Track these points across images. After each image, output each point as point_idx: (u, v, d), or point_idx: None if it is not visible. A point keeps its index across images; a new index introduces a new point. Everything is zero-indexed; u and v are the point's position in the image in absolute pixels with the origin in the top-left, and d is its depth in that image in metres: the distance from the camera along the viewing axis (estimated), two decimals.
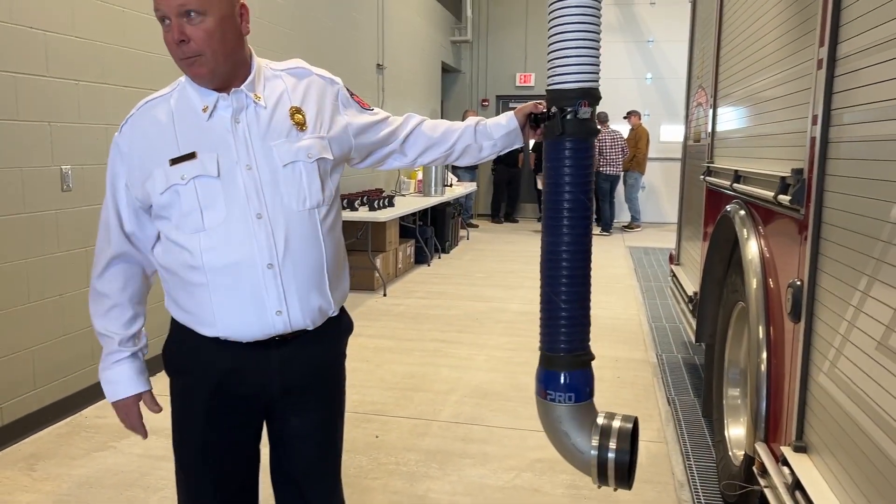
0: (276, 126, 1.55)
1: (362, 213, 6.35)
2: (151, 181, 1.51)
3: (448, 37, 12.08)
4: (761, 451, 2.11)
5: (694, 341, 3.58)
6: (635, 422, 1.65)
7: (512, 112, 1.79)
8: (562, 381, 1.67)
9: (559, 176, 1.62)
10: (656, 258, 8.39)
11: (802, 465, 1.81)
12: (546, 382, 1.69)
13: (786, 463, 1.86)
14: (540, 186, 8.05)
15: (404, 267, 7.47)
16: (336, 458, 1.78)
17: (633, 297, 6.43)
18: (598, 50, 1.61)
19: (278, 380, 1.61)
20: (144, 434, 1.71)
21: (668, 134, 11.57)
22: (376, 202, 6.63)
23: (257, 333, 1.54)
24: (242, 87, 1.53)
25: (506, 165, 11.55)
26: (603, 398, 3.83)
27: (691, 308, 3.68)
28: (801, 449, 1.86)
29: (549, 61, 1.64)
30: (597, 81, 1.62)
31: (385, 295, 6.45)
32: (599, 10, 1.60)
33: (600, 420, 1.65)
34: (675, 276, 4.57)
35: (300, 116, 1.58)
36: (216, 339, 1.54)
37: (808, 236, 1.86)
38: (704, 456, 3.13)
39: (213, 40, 1.44)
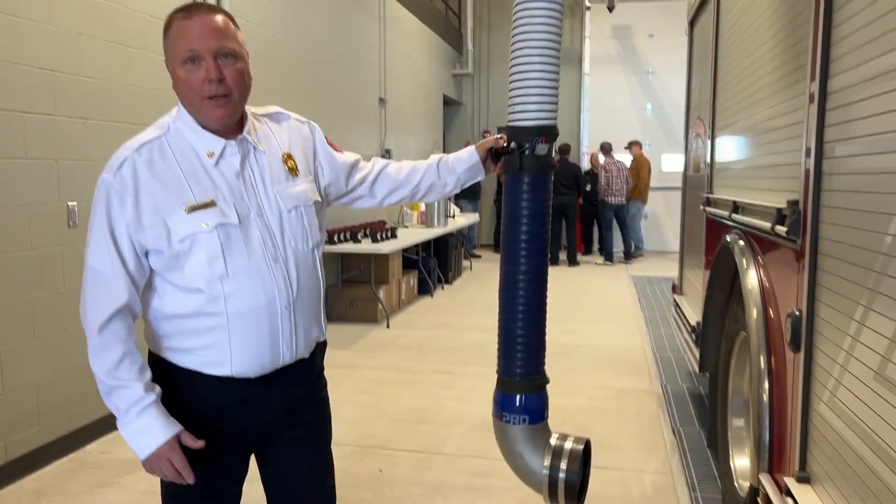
0: (274, 173, 1.62)
1: (365, 246, 6.38)
2: (164, 228, 1.49)
3: (449, 70, 12.23)
4: (765, 481, 2.10)
5: (698, 371, 3.57)
6: (587, 443, 1.69)
7: (473, 146, 1.87)
8: (517, 403, 1.71)
9: (517, 209, 1.68)
10: (660, 287, 8.39)
11: (806, 496, 1.80)
12: (502, 405, 1.74)
13: (789, 494, 1.86)
14: None
15: (407, 298, 7.48)
16: (331, 477, 1.84)
17: (636, 326, 6.42)
18: (556, 89, 1.68)
19: (279, 406, 1.66)
20: (192, 475, 1.53)
21: (669, 163, 11.64)
22: (379, 234, 6.66)
23: (269, 368, 1.59)
24: (245, 133, 1.59)
25: None
26: (607, 428, 3.85)
27: (694, 338, 3.68)
28: (804, 479, 1.86)
29: (509, 99, 1.71)
30: (554, 119, 1.69)
31: (388, 327, 6.45)
32: (558, 52, 1.67)
33: (553, 441, 1.70)
34: (677, 305, 4.57)
35: (292, 162, 1.66)
36: (223, 378, 1.56)
37: (805, 267, 1.88)
38: (710, 487, 3.10)
39: (242, 83, 1.53)
